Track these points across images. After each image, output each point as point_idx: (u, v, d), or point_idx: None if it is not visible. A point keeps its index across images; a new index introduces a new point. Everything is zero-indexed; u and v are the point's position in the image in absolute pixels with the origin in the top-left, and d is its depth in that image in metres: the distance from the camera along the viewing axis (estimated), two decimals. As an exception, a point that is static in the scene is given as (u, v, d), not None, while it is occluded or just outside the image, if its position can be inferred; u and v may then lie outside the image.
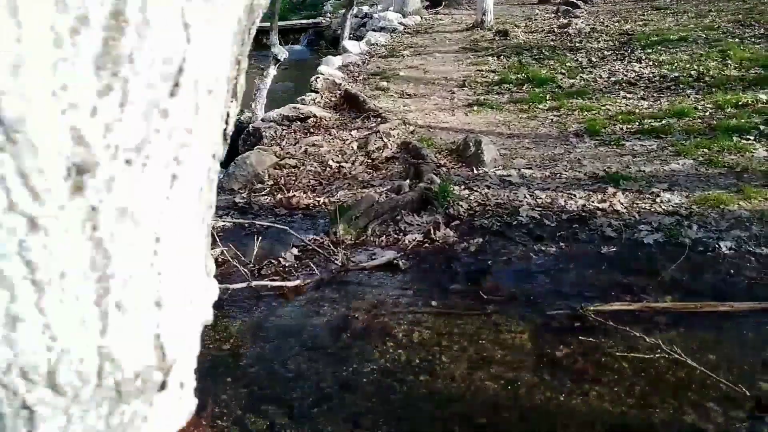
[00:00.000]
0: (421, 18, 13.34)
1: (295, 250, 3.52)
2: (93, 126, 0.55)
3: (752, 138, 4.83)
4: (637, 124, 5.36)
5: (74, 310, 0.60)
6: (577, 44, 9.14)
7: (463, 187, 4.28)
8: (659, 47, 8.21)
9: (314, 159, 5.56)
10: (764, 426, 2.08)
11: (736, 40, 7.97)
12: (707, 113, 5.55)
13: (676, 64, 7.22)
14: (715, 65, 6.97)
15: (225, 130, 0.76)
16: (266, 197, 4.77)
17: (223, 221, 3.40)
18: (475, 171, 4.61)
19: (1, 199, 0.53)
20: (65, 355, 0.62)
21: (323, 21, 20.75)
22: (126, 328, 0.65)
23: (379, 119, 6.35)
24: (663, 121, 5.31)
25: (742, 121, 5.18)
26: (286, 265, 3.37)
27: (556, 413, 2.23)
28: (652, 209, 3.77)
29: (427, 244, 3.53)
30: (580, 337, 2.59)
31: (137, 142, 0.58)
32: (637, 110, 5.76)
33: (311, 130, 6.45)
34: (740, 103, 5.63)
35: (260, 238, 3.68)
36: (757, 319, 2.75)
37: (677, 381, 2.37)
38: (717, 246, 3.34)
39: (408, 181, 4.45)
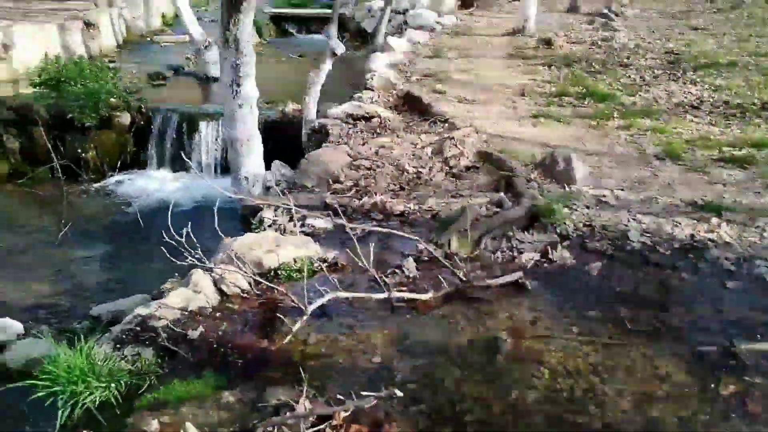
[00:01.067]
0: (457, 18, 13.26)
1: (411, 260, 3.47)
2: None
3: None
4: (717, 151, 5.37)
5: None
6: (625, 60, 9.15)
7: (560, 204, 4.25)
8: (710, 70, 8.24)
9: (388, 161, 5.50)
10: None
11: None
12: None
13: (734, 90, 7.24)
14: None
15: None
16: (351, 198, 4.70)
17: (353, 226, 3.31)
18: (567, 188, 4.58)
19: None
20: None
21: (346, 12, 20.53)
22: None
23: (447, 124, 6.31)
24: (743, 151, 5.31)
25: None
26: (410, 275, 3.32)
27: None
28: (763, 244, 3.77)
29: (546, 265, 3.49)
30: (744, 378, 2.57)
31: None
32: (711, 136, 5.77)
33: (377, 130, 6.38)
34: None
35: (371, 243, 3.63)
36: None
37: None
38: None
39: (501, 193, 4.41)
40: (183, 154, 9.35)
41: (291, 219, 4.22)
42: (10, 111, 9.22)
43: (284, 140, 8.57)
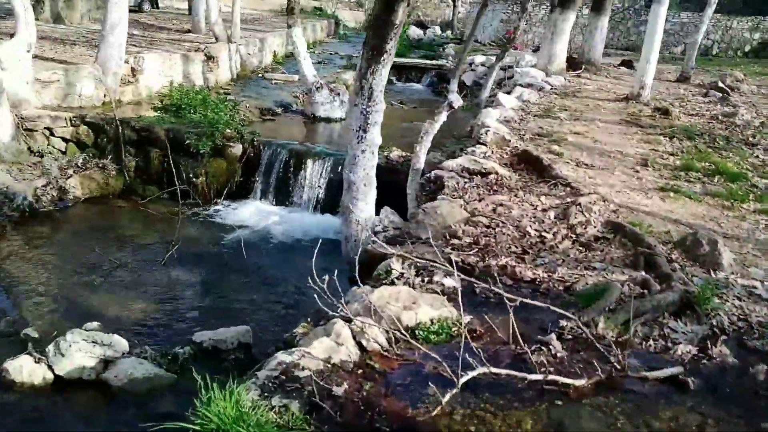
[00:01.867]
0: (565, 79, 13.10)
1: (554, 337, 3.24)
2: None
3: None
4: None
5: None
6: (751, 138, 8.66)
7: (712, 293, 3.92)
8: None
9: (507, 221, 5.32)
10: None
11: None
12: None
13: None
14: None
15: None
16: (475, 258, 4.53)
17: (503, 294, 3.13)
18: (713, 274, 4.25)
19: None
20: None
21: (446, 64, 20.84)
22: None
23: (569, 188, 6.09)
24: None
25: None
26: (556, 355, 3.10)
27: None
28: None
29: (704, 361, 3.18)
30: None
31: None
32: None
33: (494, 187, 6.23)
34: None
35: (506, 310, 3.43)
36: None
37: None
38: None
39: (643, 272, 4.13)
40: (287, 189, 9.57)
41: (418, 274, 4.10)
42: (133, 131, 9.72)
43: (389, 186, 8.55)
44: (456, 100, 7.84)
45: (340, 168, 9.26)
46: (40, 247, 7.57)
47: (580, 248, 4.80)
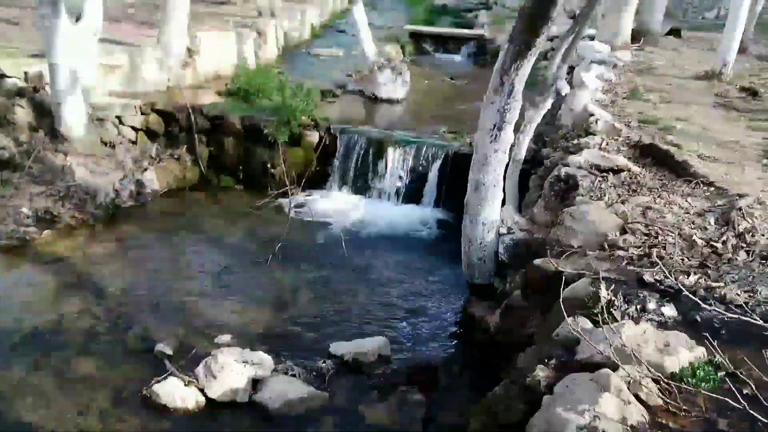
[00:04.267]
0: (631, 54, 12.63)
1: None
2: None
3: None
4: None
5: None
6: None
7: None
8: None
9: (666, 228, 5.05)
10: None
11: None
12: None
13: None
14: None
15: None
16: (657, 273, 4.27)
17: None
18: None
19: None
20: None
21: (485, 34, 20.23)
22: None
23: (712, 188, 5.80)
24: None
25: None
26: None
27: None
28: None
29: None
30: None
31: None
32: None
33: (632, 187, 5.94)
34: None
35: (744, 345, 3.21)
36: None
37: None
38: None
39: None
40: (366, 178, 9.27)
41: (627, 301, 3.86)
42: (205, 119, 9.37)
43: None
44: (563, 87, 7.49)
45: (421, 157, 8.98)
46: (134, 248, 7.32)
47: (763, 261, 4.54)
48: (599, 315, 3.66)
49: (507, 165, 6.03)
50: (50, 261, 6.73)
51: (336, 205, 9.01)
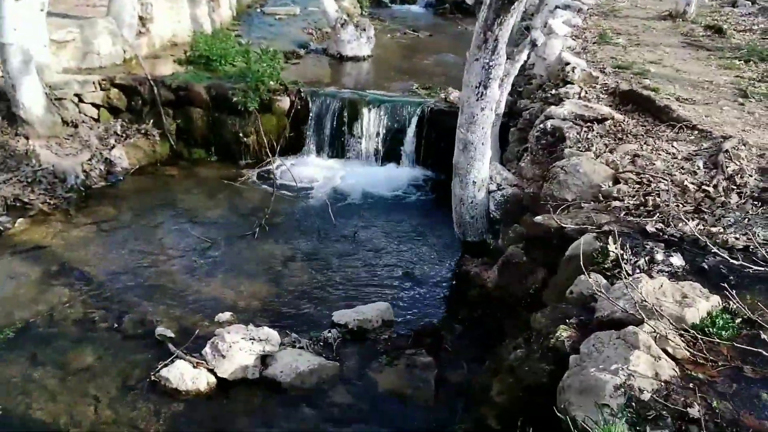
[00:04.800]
0: (592, -4, 12.59)
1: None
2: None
3: None
4: None
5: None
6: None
7: None
8: None
9: (657, 175, 5.13)
10: None
11: None
12: None
13: None
14: None
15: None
16: (656, 221, 4.35)
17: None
18: None
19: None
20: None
21: (442, -19, 19.80)
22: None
23: (696, 131, 5.90)
24: None
25: None
26: None
27: None
28: None
29: None
30: None
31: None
32: None
33: (618, 135, 5.99)
34: None
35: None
36: None
37: None
38: None
39: None
40: (341, 141, 9.13)
41: (635, 253, 3.91)
42: (169, 91, 9.01)
43: (448, 133, 8.17)
44: (539, 37, 7.44)
45: (397, 116, 8.86)
46: (114, 230, 7.08)
47: (755, 202, 4.66)
48: (611, 270, 3.72)
49: (491, 121, 5.99)
50: (29, 250, 6.47)
51: (314, 170, 8.87)
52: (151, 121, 8.88)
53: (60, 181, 7.67)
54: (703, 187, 4.96)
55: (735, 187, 4.93)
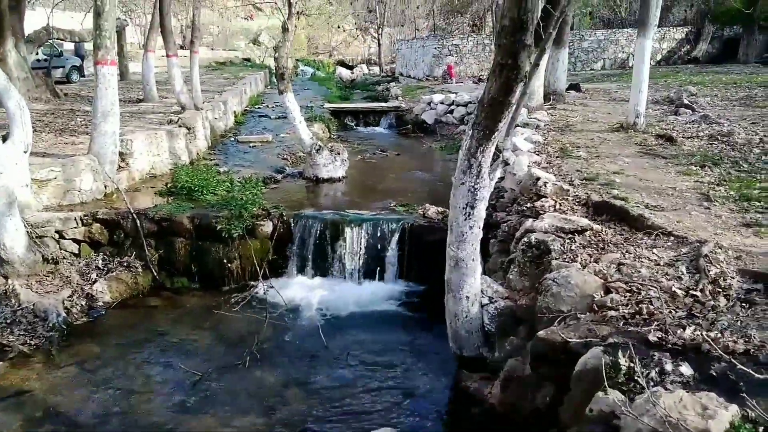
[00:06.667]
0: (547, 113, 13.53)
1: None
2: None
3: None
4: None
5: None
6: (765, 157, 9.20)
7: None
8: None
9: (643, 282, 5.34)
10: None
11: None
12: None
13: None
14: None
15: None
16: (656, 331, 4.49)
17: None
18: None
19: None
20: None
21: (402, 105, 21.04)
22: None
23: (672, 238, 6.22)
24: None
25: None
26: None
27: None
28: None
29: None
30: None
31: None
32: None
33: (599, 245, 6.27)
34: None
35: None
36: None
37: None
38: None
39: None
40: (324, 260, 9.23)
41: (645, 365, 4.00)
42: (152, 222, 9.09)
43: (429, 247, 8.42)
44: (510, 156, 7.91)
45: (378, 233, 9.08)
46: (98, 369, 6.84)
47: (743, 304, 4.87)
48: (625, 384, 3.78)
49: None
50: (9, 396, 6.16)
51: (300, 290, 8.87)
52: (134, 253, 8.87)
53: (41, 320, 7.47)
54: (691, 291, 5.16)
55: (721, 290, 5.15)
